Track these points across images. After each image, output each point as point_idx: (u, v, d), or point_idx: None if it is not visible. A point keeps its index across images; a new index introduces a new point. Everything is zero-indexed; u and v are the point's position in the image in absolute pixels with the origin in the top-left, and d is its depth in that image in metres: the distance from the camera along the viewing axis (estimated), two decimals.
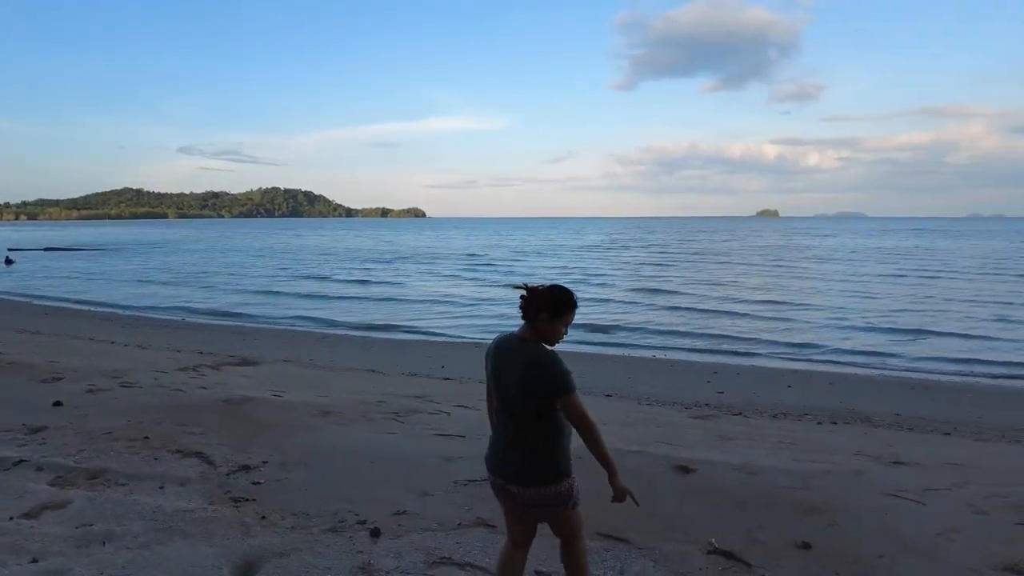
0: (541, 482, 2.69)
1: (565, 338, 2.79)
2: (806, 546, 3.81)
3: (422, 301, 24.11)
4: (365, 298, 25.11)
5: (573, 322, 2.78)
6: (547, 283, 2.80)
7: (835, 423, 7.97)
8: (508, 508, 2.86)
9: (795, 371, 12.45)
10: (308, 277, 33.79)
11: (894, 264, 40.95)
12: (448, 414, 6.89)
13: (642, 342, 15.97)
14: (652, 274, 34.46)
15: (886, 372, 12.64)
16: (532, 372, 2.62)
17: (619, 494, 2.70)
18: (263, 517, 4.04)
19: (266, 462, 5.04)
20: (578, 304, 2.79)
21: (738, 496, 4.61)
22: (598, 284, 28.99)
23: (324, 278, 33.33)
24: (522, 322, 2.76)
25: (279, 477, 4.76)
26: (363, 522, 4.02)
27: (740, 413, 8.30)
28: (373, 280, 32.08)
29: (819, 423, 7.94)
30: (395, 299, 24.81)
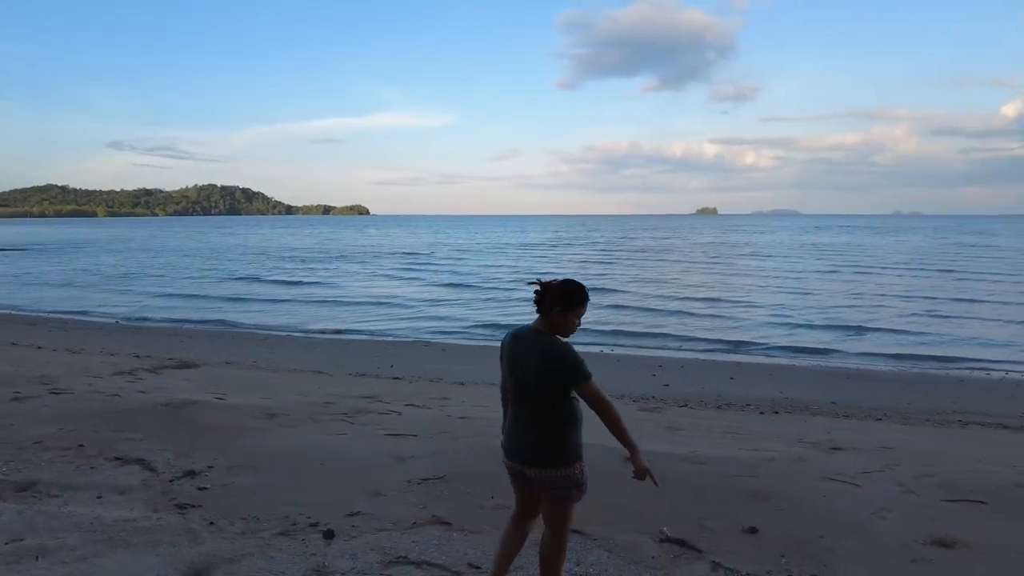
0: (555, 464, 2.82)
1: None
2: (753, 531, 3.95)
3: (358, 303, 23.18)
4: (292, 300, 23.96)
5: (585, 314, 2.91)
6: (559, 278, 2.91)
7: (776, 412, 8.27)
8: (521, 489, 3.01)
9: (737, 363, 12.87)
10: (236, 278, 32.05)
11: (828, 260, 42.79)
12: (399, 414, 6.82)
13: (587, 339, 16.19)
14: (598, 272, 34.95)
15: (823, 364, 13.21)
16: (548, 363, 2.75)
17: (640, 472, 2.89)
18: (211, 523, 3.91)
19: (212, 467, 4.89)
20: (589, 298, 2.92)
21: (687, 485, 4.72)
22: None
23: (252, 279, 31.73)
24: (536, 316, 2.87)
25: (226, 481, 4.62)
26: (315, 524, 3.95)
27: (686, 405, 8.53)
28: (305, 281, 30.88)
29: (761, 413, 8.23)
30: (329, 301, 23.83)
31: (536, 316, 2.87)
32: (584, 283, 2.92)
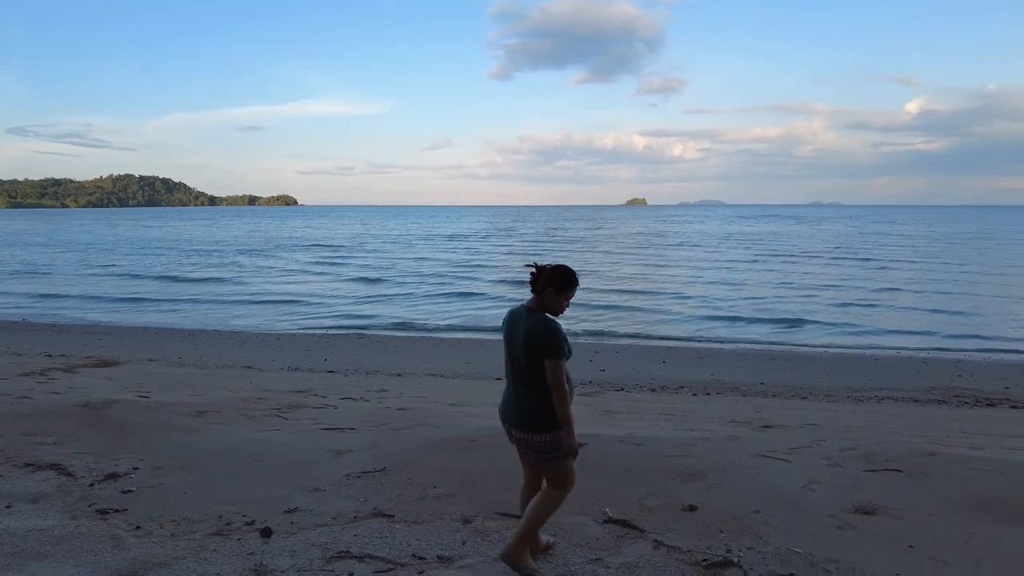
0: (537, 430, 3.13)
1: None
2: (692, 508, 4.06)
3: (259, 302, 21.04)
4: (176, 299, 21.75)
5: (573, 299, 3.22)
6: (553, 263, 3.23)
7: (708, 394, 8.54)
8: (519, 452, 3.36)
9: (668, 348, 13.21)
10: (122, 275, 29.12)
11: (754, 249, 44.51)
12: (335, 408, 6.66)
13: None
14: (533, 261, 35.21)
15: (750, 347, 13.72)
16: (534, 336, 3.05)
17: (568, 447, 3.16)
18: (137, 527, 3.71)
19: (137, 468, 4.63)
20: (579, 283, 3.25)
21: (626, 467, 4.81)
22: (468, 277, 27.67)
23: (135, 275, 29.12)
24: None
25: (153, 483, 4.39)
26: (251, 523, 3.80)
27: (622, 388, 8.69)
28: (198, 277, 28.40)
29: (694, 395, 8.48)
30: (222, 300, 21.58)
31: (530, 296, 3.19)
32: (514, 275, 3.03)
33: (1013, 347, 14.58)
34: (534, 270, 3.18)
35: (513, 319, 3.20)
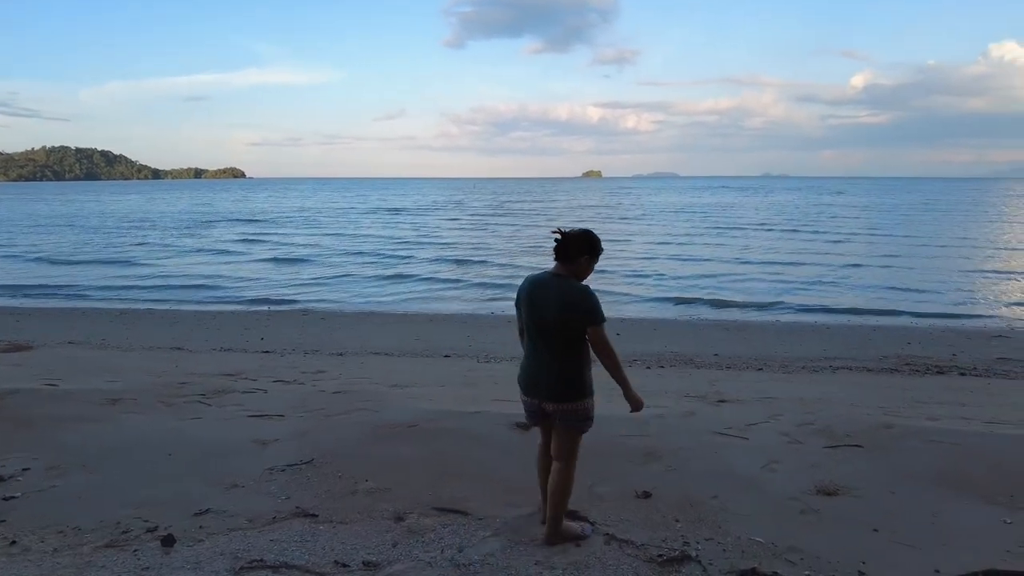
0: (571, 399, 3.10)
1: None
2: (646, 495, 3.76)
3: (149, 286, 18.37)
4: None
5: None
6: (578, 228, 3.14)
7: (662, 366, 8.33)
8: (542, 425, 3.30)
9: (621, 319, 13.01)
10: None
11: (712, 220, 44.90)
12: (265, 392, 6.17)
13: (480, 301, 15.90)
14: (495, 236, 34.70)
15: (702, 317, 13.63)
16: (573, 302, 3.00)
17: (635, 404, 3.23)
18: (12, 542, 3.21)
19: (27, 469, 4.09)
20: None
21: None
22: (404, 256, 24.83)
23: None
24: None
25: (44, 486, 3.87)
26: (153, 529, 3.35)
27: None
28: (82, 259, 24.71)
29: (647, 367, 8.26)
30: (110, 286, 18.54)
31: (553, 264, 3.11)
32: (455, 255, 2.59)
33: (956, 312, 14.91)
34: (559, 236, 3.09)
35: (537, 288, 3.10)
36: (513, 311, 3.36)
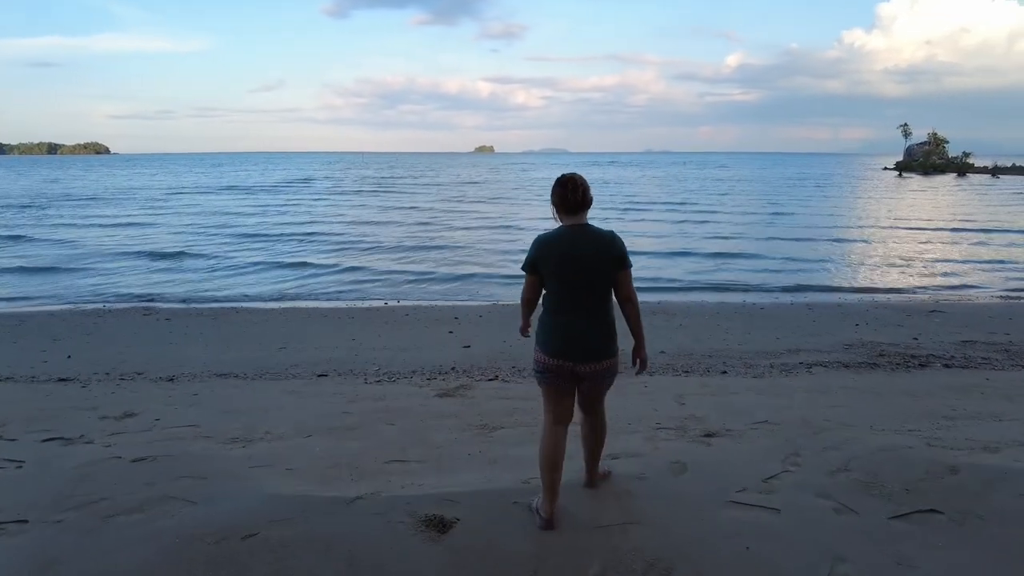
0: (614, 353, 3.03)
1: None
2: None
3: None
4: None
5: None
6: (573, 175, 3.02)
7: None
8: (562, 389, 3.08)
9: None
10: None
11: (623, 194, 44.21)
12: (19, 465, 3.79)
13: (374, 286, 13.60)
14: (349, 218, 31.92)
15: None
16: (611, 247, 2.93)
17: (645, 363, 3.15)
18: None
19: None
20: None
21: (519, 561, 2.59)
22: (274, 236, 22.18)
23: None
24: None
25: None
26: None
27: (495, 377, 6.44)
28: None
29: None
30: None
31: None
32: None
33: (864, 286, 14.38)
34: (568, 187, 2.94)
35: (568, 241, 2.93)
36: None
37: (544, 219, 3.14)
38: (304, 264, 16.94)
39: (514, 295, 13.35)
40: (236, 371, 6.63)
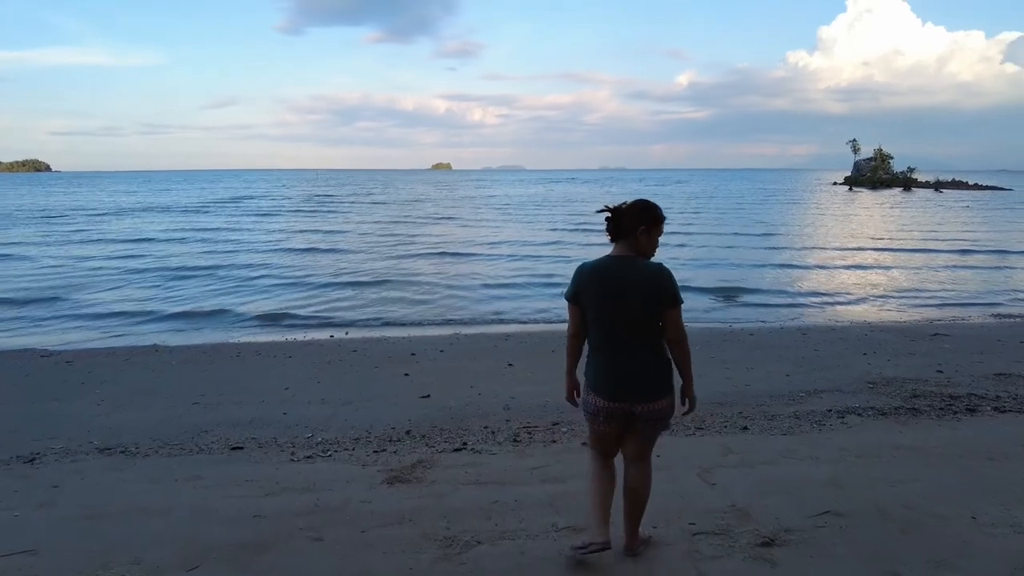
0: (664, 393, 2.84)
1: None
2: None
3: None
4: None
5: None
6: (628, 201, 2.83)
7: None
8: (615, 430, 2.90)
9: (506, 334, 9.91)
10: None
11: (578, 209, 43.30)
12: None
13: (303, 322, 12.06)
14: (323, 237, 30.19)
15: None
16: (657, 284, 2.73)
17: (693, 403, 2.95)
18: None
19: None
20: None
21: None
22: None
23: None
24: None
25: None
26: None
27: (464, 446, 5.09)
28: None
29: (584, 442, 5.18)
30: None
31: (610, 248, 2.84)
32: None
33: (854, 309, 13.56)
34: (608, 214, 2.79)
35: (609, 274, 2.76)
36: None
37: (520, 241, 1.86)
38: (237, 289, 15.28)
39: (482, 314, 11.86)
40: (127, 442, 5.10)
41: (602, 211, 2.81)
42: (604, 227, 2.81)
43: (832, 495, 3.77)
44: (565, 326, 3.01)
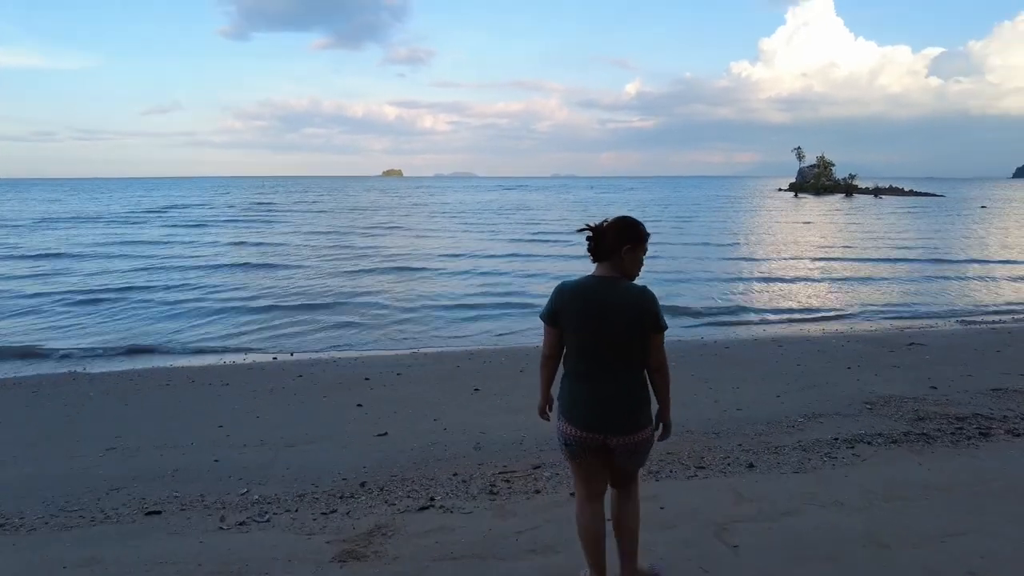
0: (646, 423, 2.71)
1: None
2: None
3: None
4: None
5: None
6: (609, 218, 2.73)
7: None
8: (594, 465, 2.76)
9: (467, 353, 9.15)
10: None
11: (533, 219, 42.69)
12: None
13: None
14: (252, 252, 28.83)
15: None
16: (642, 307, 2.61)
17: (668, 429, 2.84)
18: None
19: None
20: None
21: None
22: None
23: None
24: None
25: None
26: None
27: (429, 504, 4.31)
28: None
29: (533, 494, 4.46)
30: None
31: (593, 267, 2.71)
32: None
33: (820, 316, 13.33)
34: (590, 233, 2.66)
35: (590, 294, 2.63)
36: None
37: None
38: (179, 302, 14.09)
39: (441, 337, 11.00)
40: (8, 511, 4.12)
41: (583, 230, 2.69)
42: (586, 246, 2.68)
43: (878, 559, 3.16)
44: (532, 343, 2.42)
